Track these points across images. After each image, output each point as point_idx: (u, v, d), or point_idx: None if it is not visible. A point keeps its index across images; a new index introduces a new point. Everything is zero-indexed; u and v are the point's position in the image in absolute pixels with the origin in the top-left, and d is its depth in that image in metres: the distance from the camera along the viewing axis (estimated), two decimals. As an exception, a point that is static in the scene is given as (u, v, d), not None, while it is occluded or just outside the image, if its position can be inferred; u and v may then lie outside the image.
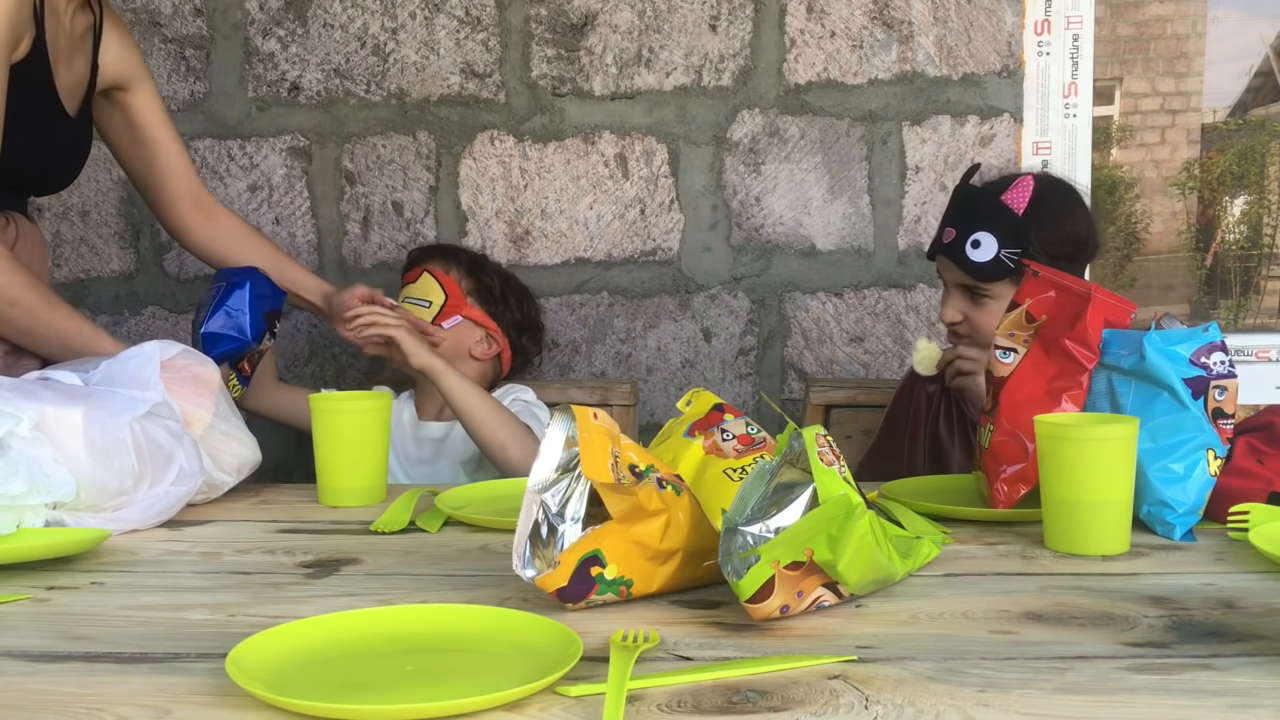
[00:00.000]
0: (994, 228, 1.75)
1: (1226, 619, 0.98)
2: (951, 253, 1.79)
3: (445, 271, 2.13)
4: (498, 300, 2.17)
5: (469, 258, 2.20)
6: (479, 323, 2.14)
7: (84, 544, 1.24)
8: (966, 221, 1.78)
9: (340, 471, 1.51)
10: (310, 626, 0.94)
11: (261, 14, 2.45)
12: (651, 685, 0.83)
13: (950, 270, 1.83)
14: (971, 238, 1.76)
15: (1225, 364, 1.29)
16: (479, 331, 2.15)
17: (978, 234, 1.76)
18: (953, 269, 1.81)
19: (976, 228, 1.76)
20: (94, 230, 2.52)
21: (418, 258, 2.19)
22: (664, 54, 2.42)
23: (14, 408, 1.27)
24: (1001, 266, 1.75)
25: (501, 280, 2.21)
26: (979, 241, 1.75)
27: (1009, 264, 1.74)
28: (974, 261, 1.76)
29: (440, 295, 2.11)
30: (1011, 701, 0.80)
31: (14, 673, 0.89)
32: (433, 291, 2.11)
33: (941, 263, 1.85)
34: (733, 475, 1.24)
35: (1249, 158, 4.17)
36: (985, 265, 1.75)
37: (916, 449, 1.95)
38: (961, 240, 1.77)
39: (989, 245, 1.75)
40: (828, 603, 1.00)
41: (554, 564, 1.01)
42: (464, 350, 2.14)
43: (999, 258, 1.75)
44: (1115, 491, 1.19)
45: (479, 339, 2.14)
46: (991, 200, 1.79)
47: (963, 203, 1.82)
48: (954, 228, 1.80)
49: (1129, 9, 4.47)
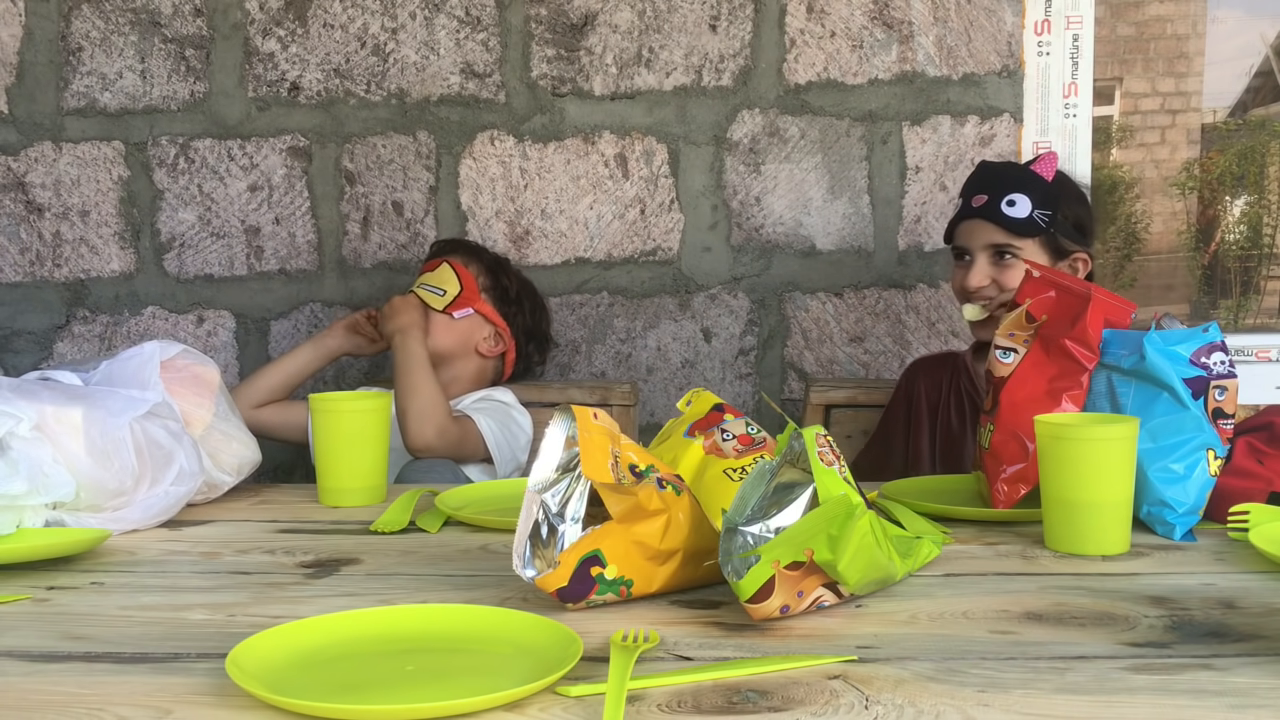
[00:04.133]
0: (1028, 190, 1.84)
1: (1226, 619, 0.98)
2: (987, 213, 1.85)
3: (465, 265, 2.19)
4: (512, 302, 2.22)
5: (491, 258, 2.26)
6: (490, 319, 2.19)
7: (84, 544, 1.24)
8: (999, 186, 1.86)
9: (340, 471, 1.51)
10: (310, 626, 0.94)
11: (261, 14, 2.45)
12: (651, 685, 0.83)
13: (982, 233, 1.87)
14: (1007, 198, 1.84)
15: (1225, 364, 1.29)
16: (488, 328, 2.19)
17: (1013, 195, 1.84)
18: (985, 230, 1.86)
19: (1011, 190, 1.85)
20: (94, 230, 2.52)
21: (440, 249, 2.25)
22: (664, 54, 2.42)
23: (14, 408, 1.27)
24: (1035, 225, 1.83)
25: (519, 285, 2.25)
26: (1014, 201, 1.84)
27: (1041, 224, 1.83)
28: (1011, 217, 1.83)
29: (455, 286, 2.16)
30: (1012, 701, 0.80)
31: (14, 673, 0.89)
32: (449, 281, 2.16)
33: (970, 228, 1.89)
34: (733, 475, 1.24)
35: (1249, 158, 4.17)
36: (1021, 222, 1.83)
37: (921, 441, 1.96)
38: (996, 201, 1.85)
39: (1023, 204, 1.83)
40: (828, 603, 1.00)
41: (554, 564, 1.01)
42: (471, 344, 2.18)
43: (1033, 217, 1.83)
44: (1115, 491, 1.19)
45: (487, 335, 2.18)
46: (1022, 169, 1.88)
47: (992, 173, 1.91)
48: (985, 193, 1.87)
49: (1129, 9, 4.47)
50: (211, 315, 2.52)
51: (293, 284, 2.51)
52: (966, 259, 1.90)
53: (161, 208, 2.51)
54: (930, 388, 1.98)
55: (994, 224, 1.84)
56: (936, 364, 2.02)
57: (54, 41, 2.48)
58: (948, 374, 1.97)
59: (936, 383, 1.98)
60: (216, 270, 2.51)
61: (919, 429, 1.97)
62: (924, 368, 2.03)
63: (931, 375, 2.00)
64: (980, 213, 1.86)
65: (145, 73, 2.48)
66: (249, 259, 2.51)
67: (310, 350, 2.21)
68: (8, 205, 2.52)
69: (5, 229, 2.53)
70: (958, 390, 1.96)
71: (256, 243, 2.50)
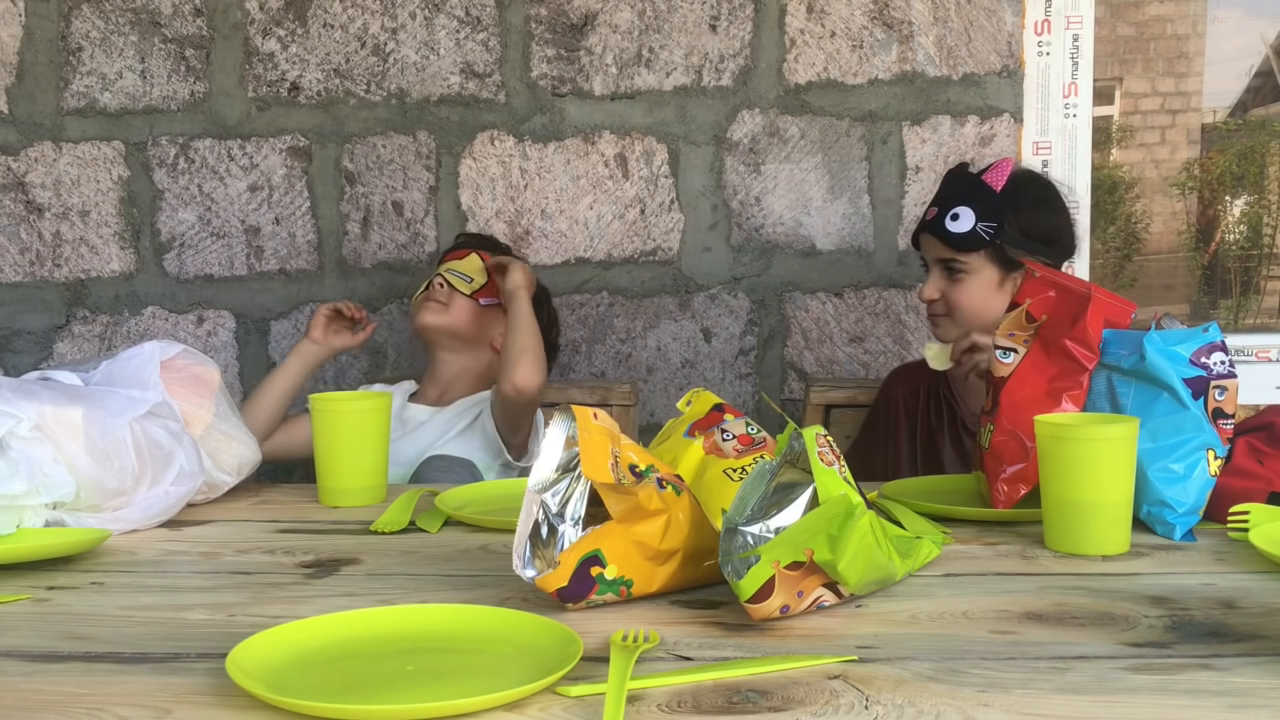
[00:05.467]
0: (973, 202, 1.83)
1: (1226, 619, 0.98)
2: (932, 228, 1.86)
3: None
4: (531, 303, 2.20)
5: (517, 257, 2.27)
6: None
7: (84, 544, 1.24)
8: (947, 198, 1.87)
9: (340, 471, 1.51)
10: (310, 626, 0.94)
11: (261, 14, 2.45)
12: (651, 685, 0.83)
13: (931, 247, 1.89)
14: (951, 211, 1.84)
15: (1225, 364, 1.29)
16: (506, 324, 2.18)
17: (957, 208, 1.84)
18: (933, 244, 1.88)
19: (956, 203, 1.84)
20: (94, 230, 2.52)
21: (468, 241, 2.27)
22: (664, 54, 2.42)
23: (14, 408, 1.27)
24: (977, 239, 1.82)
25: (539, 290, 2.24)
26: (958, 215, 1.83)
27: (984, 237, 1.82)
28: (951, 232, 1.83)
29: (483, 275, 2.19)
30: (1012, 701, 0.80)
31: (14, 673, 0.89)
32: (477, 271, 2.19)
33: (924, 242, 1.92)
34: (733, 475, 1.24)
35: (1249, 158, 4.17)
36: (962, 236, 1.82)
37: (900, 446, 1.97)
38: (942, 215, 1.85)
39: (967, 218, 1.83)
40: (828, 603, 1.00)
41: (554, 564, 1.01)
42: (488, 337, 2.19)
43: (975, 230, 1.82)
44: (1115, 491, 1.19)
45: (503, 331, 2.17)
46: (972, 179, 1.88)
47: (946, 184, 1.91)
48: (936, 206, 1.88)
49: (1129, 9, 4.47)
50: (211, 315, 2.53)
51: (293, 284, 2.51)
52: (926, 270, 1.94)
53: (161, 208, 2.51)
54: (908, 395, 1.99)
55: (938, 239, 1.86)
56: (914, 372, 2.03)
57: (54, 41, 2.48)
58: (926, 381, 1.98)
59: (914, 390, 1.99)
60: (216, 270, 2.51)
61: (897, 436, 1.98)
62: (902, 376, 2.05)
63: (909, 383, 2.01)
64: (928, 226, 1.88)
65: (145, 73, 2.48)
66: (249, 259, 2.51)
67: (295, 362, 2.13)
68: (8, 205, 2.52)
69: (5, 229, 2.53)
70: (936, 397, 1.97)
71: (256, 243, 2.50)
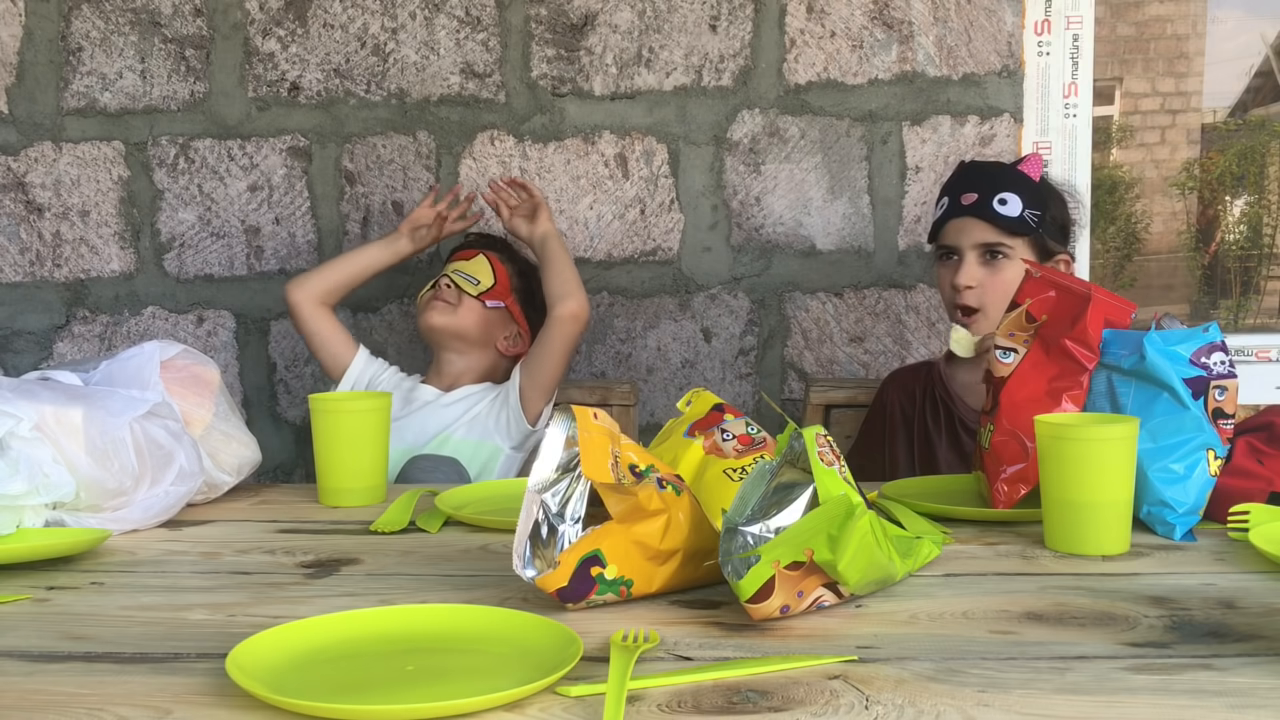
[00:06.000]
0: (1019, 190, 1.83)
1: (1226, 619, 0.98)
2: (978, 210, 1.84)
3: (500, 261, 2.22)
4: (537, 308, 2.23)
5: (524, 261, 2.28)
6: (515, 317, 2.21)
7: (84, 544, 1.24)
8: (990, 184, 1.85)
9: (340, 471, 1.51)
10: (310, 626, 0.94)
11: (261, 14, 2.45)
12: (651, 685, 0.83)
13: (973, 230, 1.86)
14: (998, 196, 1.83)
15: (1225, 364, 1.29)
16: (513, 327, 2.23)
17: (1004, 193, 1.83)
18: (976, 228, 1.85)
19: (1001, 189, 1.84)
20: (94, 230, 2.52)
21: (476, 242, 2.28)
22: (664, 54, 2.42)
23: (14, 408, 1.27)
24: (1025, 224, 1.83)
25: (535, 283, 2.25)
26: (1006, 199, 1.83)
27: (1031, 223, 1.82)
28: (1004, 215, 1.82)
29: (490, 278, 2.19)
30: (1012, 701, 0.80)
31: (14, 673, 0.89)
32: (484, 272, 2.20)
33: (960, 226, 1.87)
34: (733, 475, 1.24)
35: (1249, 158, 4.16)
36: (1014, 220, 1.82)
37: (897, 450, 1.97)
38: (988, 198, 1.83)
39: (1015, 203, 1.83)
40: (828, 603, 1.00)
41: (554, 564, 1.01)
42: (493, 338, 2.21)
43: (1024, 216, 1.82)
44: (1115, 491, 1.19)
45: (510, 334, 2.21)
46: (1011, 168, 1.88)
47: (981, 171, 1.90)
48: (975, 191, 1.85)
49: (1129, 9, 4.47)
50: (211, 315, 2.53)
51: (293, 284, 2.51)
52: (954, 258, 1.89)
53: (161, 208, 2.51)
54: (904, 398, 1.98)
55: (986, 222, 1.83)
56: (910, 375, 2.03)
57: (54, 41, 2.48)
58: (921, 383, 1.98)
59: (910, 393, 1.98)
60: (216, 270, 2.51)
61: (894, 439, 1.98)
62: (898, 379, 2.04)
63: (905, 386, 2.00)
64: (971, 210, 1.84)
65: (145, 73, 2.48)
66: (249, 259, 2.51)
67: (381, 249, 2.23)
68: (8, 205, 2.52)
69: (5, 229, 2.53)
70: (932, 399, 1.96)
71: (256, 243, 2.50)
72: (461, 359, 2.20)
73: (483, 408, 2.15)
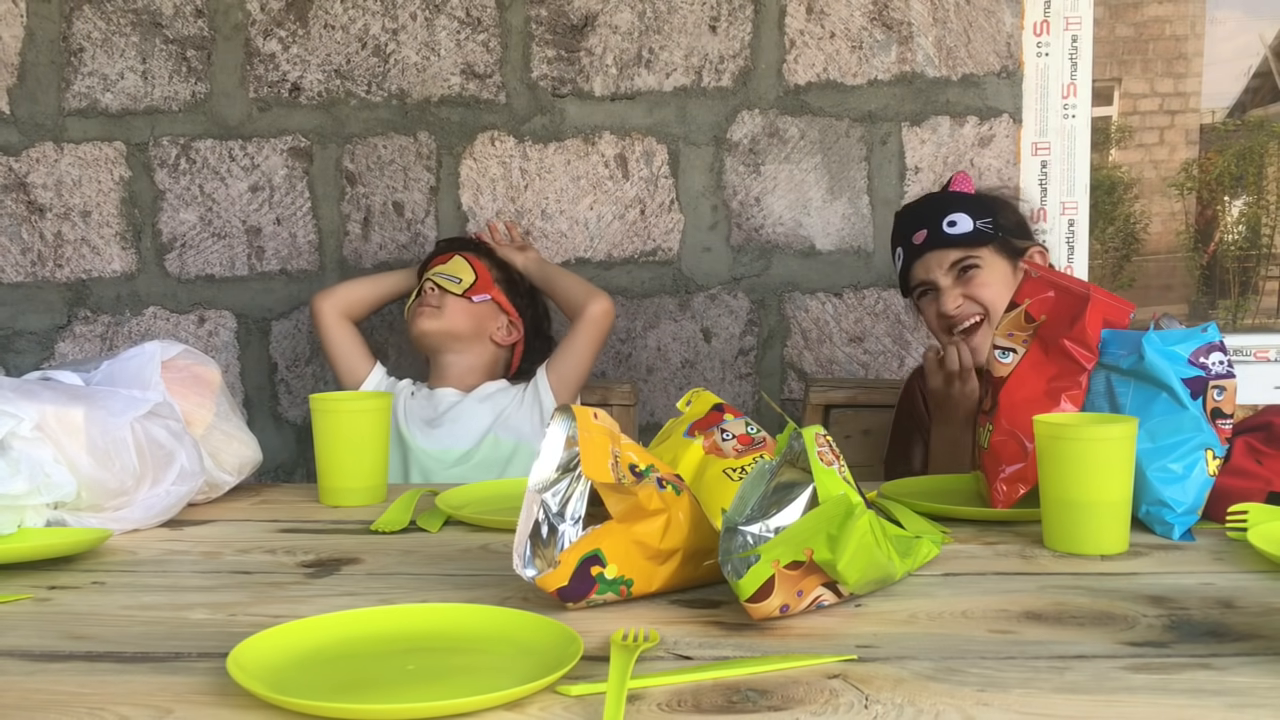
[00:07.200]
0: (961, 208, 1.85)
1: (1225, 619, 0.98)
2: (933, 242, 1.85)
3: (477, 258, 2.25)
4: (522, 295, 2.28)
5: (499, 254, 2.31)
6: (504, 308, 2.23)
7: (85, 544, 1.24)
8: (933, 215, 1.87)
9: (340, 471, 1.51)
10: (310, 626, 0.94)
11: (262, 15, 2.46)
12: (651, 685, 0.83)
13: (937, 260, 1.86)
14: (945, 220, 1.85)
15: (1224, 364, 1.29)
16: (503, 317, 2.24)
17: (949, 216, 1.85)
18: (936, 256, 1.86)
19: (945, 214, 1.85)
20: (95, 230, 2.52)
21: (450, 245, 2.30)
22: (664, 55, 2.42)
23: (15, 408, 1.27)
24: (983, 235, 1.84)
25: (526, 281, 2.30)
26: (954, 220, 1.84)
27: (988, 232, 1.84)
28: (959, 234, 1.84)
29: (471, 275, 2.21)
30: (1011, 701, 0.80)
31: (15, 672, 0.89)
32: (464, 271, 2.22)
33: (924, 263, 1.88)
34: (733, 475, 1.25)
35: (1247, 158, 4.17)
36: (969, 235, 1.84)
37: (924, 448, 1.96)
38: (937, 228, 1.85)
39: (964, 221, 1.84)
40: (828, 602, 1.00)
41: (554, 563, 1.01)
42: (486, 331, 2.23)
43: (977, 228, 1.84)
44: (1114, 491, 1.19)
45: (501, 325, 2.24)
46: (945, 194, 1.90)
47: (918, 210, 1.92)
48: (924, 227, 1.87)
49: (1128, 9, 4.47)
50: (213, 315, 2.53)
51: (294, 284, 2.51)
52: (931, 293, 1.89)
53: (163, 208, 2.51)
54: (924, 396, 1.97)
55: (945, 247, 1.84)
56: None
57: (55, 42, 2.48)
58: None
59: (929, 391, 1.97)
60: (217, 270, 2.52)
61: (927, 433, 1.96)
62: (921, 374, 2.02)
63: (924, 381, 1.99)
64: (928, 245, 1.86)
65: (146, 73, 2.48)
66: (250, 259, 2.51)
67: (403, 277, 2.30)
68: (9, 206, 2.52)
69: (7, 229, 2.53)
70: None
71: (257, 243, 2.51)
72: (461, 358, 2.21)
73: (511, 409, 2.16)
